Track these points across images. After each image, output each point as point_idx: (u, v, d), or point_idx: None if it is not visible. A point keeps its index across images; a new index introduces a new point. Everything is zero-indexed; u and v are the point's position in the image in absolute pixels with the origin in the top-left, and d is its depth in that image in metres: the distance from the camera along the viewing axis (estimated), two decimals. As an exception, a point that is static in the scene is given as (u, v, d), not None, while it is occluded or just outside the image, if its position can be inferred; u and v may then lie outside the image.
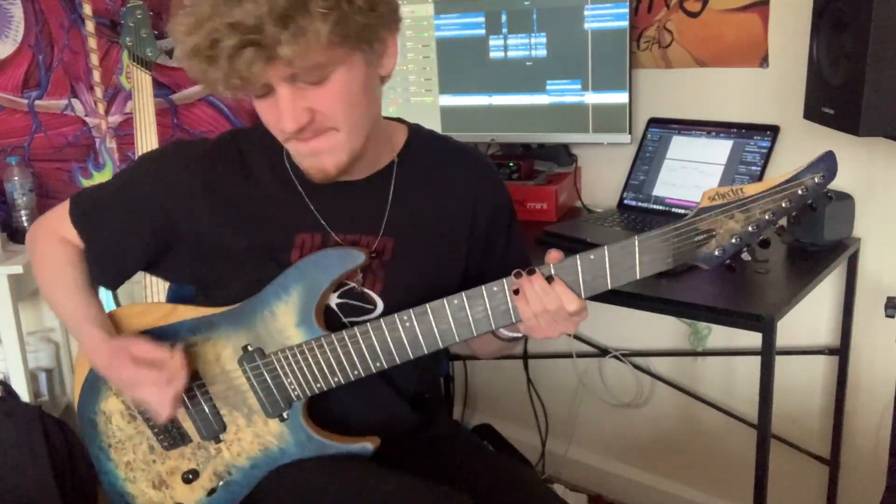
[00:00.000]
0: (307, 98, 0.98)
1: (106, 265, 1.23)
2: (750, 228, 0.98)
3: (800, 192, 0.96)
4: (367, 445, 1.17)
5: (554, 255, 1.04)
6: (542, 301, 1.02)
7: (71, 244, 1.22)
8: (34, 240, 1.27)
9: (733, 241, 0.98)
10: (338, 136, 1.03)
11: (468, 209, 1.22)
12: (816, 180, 0.96)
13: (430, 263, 1.20)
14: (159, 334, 1.19)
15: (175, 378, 1.11)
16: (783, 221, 1.00)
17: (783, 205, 0.96)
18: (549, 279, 1.02)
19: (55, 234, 1.23)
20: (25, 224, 2.12)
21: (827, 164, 0.95)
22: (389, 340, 1.10)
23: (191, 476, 1.21)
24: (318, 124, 1.01)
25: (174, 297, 1.40)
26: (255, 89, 0.97)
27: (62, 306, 1.23)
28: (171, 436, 1.21)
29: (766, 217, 0.97)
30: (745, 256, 1.00)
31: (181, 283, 1.36)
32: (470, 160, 1.26)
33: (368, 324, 1.11)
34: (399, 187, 1.18)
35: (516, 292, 1.03)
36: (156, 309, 1.23)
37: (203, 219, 1.15)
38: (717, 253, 0.99)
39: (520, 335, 1.19)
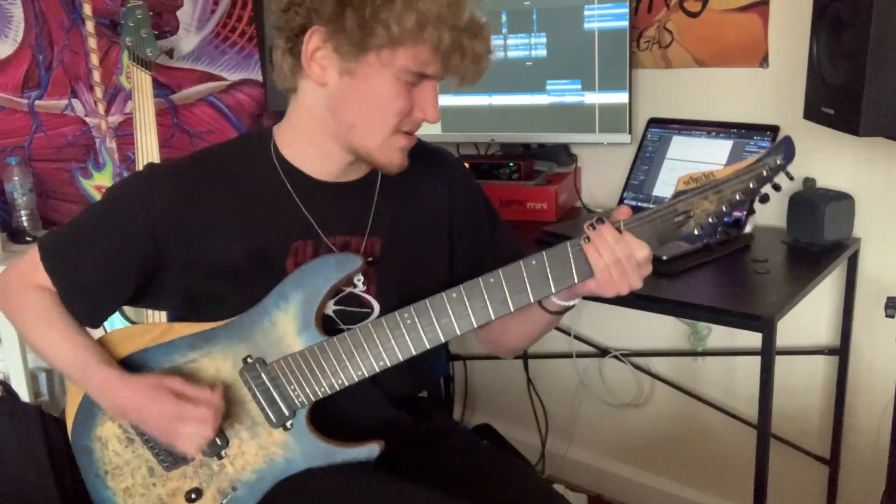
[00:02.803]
0: None
1: (88, 304, 1.18)
2: (723, 208, 1.06)
3: (764, 173, 1.06)
4: (374, 448, 1.16)
5: (624, 210, 1.07)
6: (615, 250, 1.04)
7: (49, 291, 1.17)
8: (7, 295, 1.21)
9: (710, 220, 1.07)
10: None
11: (445, 206, 1.25)
12: (778, 161, 1.06)
13: (416, 261, 1.22)
14: (157, 353, 1.18)
15: (219, 415, 1.11)
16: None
17: (751, 185, 1.06)
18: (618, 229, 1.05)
19: (28, 283, 1.18)
20: (25, 224, 2.12)
21: (786, 147, 1.06)
22: (411, 335, 1.10)
23: (194, 495, 1.19)
24: None
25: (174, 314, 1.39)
26: (436, 75, 1.07)
27: (60, 354, 1.17)
28: (172, 456, 1.19)
29: (737, 197, 1.06)
30: (720, 234, 1.09)
31: (168, 309, 1.31)
32: (441, 159, 1.29)
33: (370, 323, 1.11)
34: (383, 188, 1.20)
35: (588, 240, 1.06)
36: (152, 329, 1.21)
37: (192, 237, 1.13)
38: (696, 231, 1.07)
39: (572, 304, 1.17)
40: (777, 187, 1.08)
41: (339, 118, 1.10)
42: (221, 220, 1.14)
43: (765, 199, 1.07)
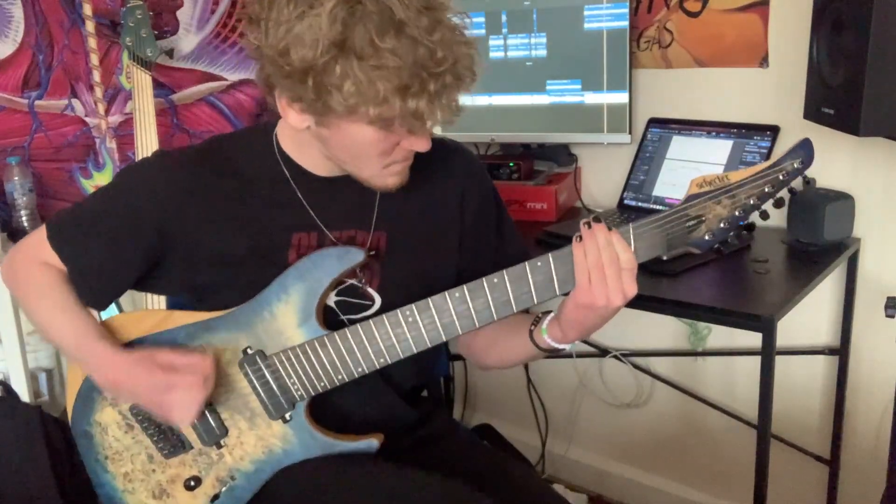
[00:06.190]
0: None
1: (94, 287, 1.20)
2: (737, 213, 1.03)
3: (781, 177, 1.03)
4: (373, 442, 1.17)
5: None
6: (601, 254, 1.01)
7: (54, 268, 1.20)
8: (13, 270, 1.24)
9: (722, 225, 1.04)
10: None
11: (456, 202, 1.24)
12: (796, 165, 1.03)
13: (423, 256, 1.21)
14: (156, 341, 1.18)
15: (209, 379, 1.11)
16: (767, 205, 1.05)
17: (766, 189, 1.03)
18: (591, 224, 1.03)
19: (35, 260, 1.20)
20: (25, 224, 2.12)
21: (804, 150, 1.02)
22: (409, 334, 1.10)
23: (193, 483, 1.20)
24: None
25: (174, 301, 1.40)
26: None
27: (57, 327, 1.19)
28: (171, 443, 1.20)
29: (752, 202, 1.03)
30: (731, 240, 1.06)
31: (173, 294, 1.34)
32: (454, 154, 1.27)
33: (371, 319, 1.11)
34: None
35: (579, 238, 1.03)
36: (151, 315, 1.22)
37: (197, 227, 1.14)
38: (707, 237, 1.04)
39: (561, 346, 1.15)
40: (792, 191, 1.04)
41: (329, 152, 1.10)
42: (224, 212, 1.15)
43: (779, 203, 1.04)
